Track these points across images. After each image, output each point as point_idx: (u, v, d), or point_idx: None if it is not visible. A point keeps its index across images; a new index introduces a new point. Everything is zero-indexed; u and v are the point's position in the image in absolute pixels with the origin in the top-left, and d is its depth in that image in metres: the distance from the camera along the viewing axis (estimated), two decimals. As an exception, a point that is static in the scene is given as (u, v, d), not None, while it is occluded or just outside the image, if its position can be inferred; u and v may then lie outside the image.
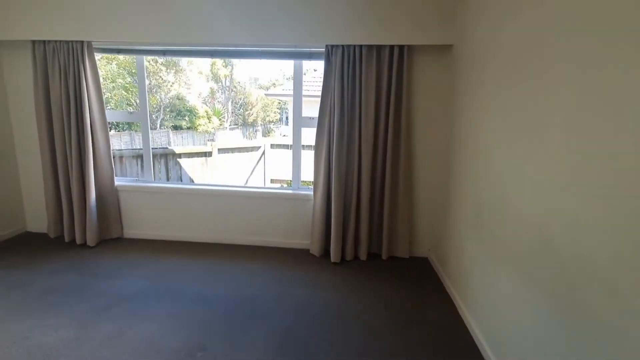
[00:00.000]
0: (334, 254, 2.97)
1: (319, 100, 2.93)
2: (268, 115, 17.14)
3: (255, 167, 7.22)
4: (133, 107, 10.90)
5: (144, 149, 3.43)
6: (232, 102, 16.34)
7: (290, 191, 3.31)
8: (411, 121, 2.97)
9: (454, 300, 2.44)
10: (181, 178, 6.17)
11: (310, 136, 3.14)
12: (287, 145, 7.77)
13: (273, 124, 17.10)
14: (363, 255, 3.06)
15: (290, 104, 10.09)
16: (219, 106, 15.63)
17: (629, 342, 1.01)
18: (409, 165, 2.98)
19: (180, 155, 6.18)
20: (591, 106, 1.18)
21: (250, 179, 7.07)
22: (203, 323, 2.14)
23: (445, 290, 2.60)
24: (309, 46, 2.92)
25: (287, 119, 13.68)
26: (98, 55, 3.17)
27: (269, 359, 1.86)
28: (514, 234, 1.66)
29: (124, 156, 5.49)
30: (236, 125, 16.30)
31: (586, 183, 1.20)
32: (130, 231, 3.44)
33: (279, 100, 14.91)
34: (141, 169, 5.21)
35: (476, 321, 2.06)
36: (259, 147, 7.51)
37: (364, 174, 2.92)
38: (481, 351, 1.93)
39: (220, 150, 6.84)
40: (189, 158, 6.26)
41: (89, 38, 2.95)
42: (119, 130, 10.57)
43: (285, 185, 7.12)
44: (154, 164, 5.29)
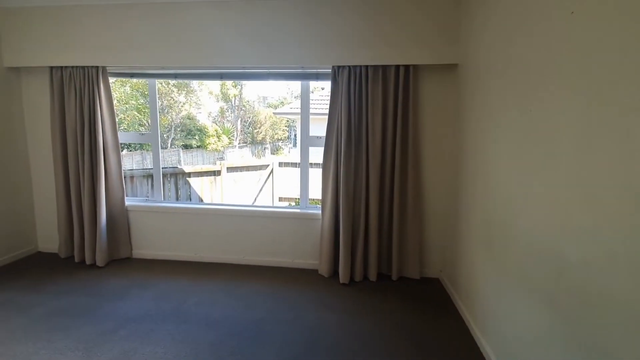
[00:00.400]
0: (343, 275, 2.92)
1: (326, 118, 2.96)
2: (276, 133, 17.35)
3: (263, 186, 7.25)
4: (145, 128, 11.15)
5: (154, 169, 3.48)
6: (241, 121, 16.62)
7: (298, 210, 3.30)
8: (418, 140, 2.96)
9: (467, 323, 2.35)
10: (190, 197, 6.22)
11: (318, 154, 3.15)
12: (296, 163, 7.80)
13: (281, 141, 17.28)
14: (372, 276, 2.99)
15: (298, 122, 10.19)
16: (228, 125, 15.90)
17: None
18: (417, 184, 2.95)
19: (189, 174, 6.25)
20: (603, 120, 1.16)
21: (259, 198, 7.09)
22: (210, 347, 2.10)
23: (458, 313, 2.51)
24: (315, 67, 2.97)
25: (295, 136, 13.81)
26: (112, 79, 3.28)
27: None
28: (526, 252, 1.61)
29: (135, 176, 5.58)
30: (245, 143, 16.52)
31: (599, 201, 1.16)
32: (138, 251, 3.45)
33: (287, 118, 15.11)
34: (151, 188, 5.28)
35: (490, 346, 1.98)
36: (267, 166, 7.56)
37: (372, 192, 2.90)
38: (498, 379, 1.85)
39: (229, 169, 6.90)
40: (198, 177, 6.33)
41: (104, 63, 3.06)
42: (130, 150, 10.79)
43: (293, 203, 7.12)
44: (164, 183, 5.36)
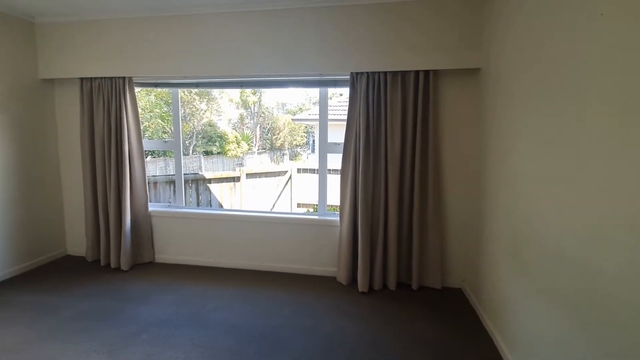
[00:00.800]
0: (362, 283, 2.88)
1: (344, 124, 2.95)
2: (295, 139, 17.48)
3: (282, 192, 7.29)
4: (168, 135, 11.49)
5: (177, 175, 3.57)
6: (260, 127, 16.86)
7: (316, 217, 3.29)
8: (438, 146, 2.90)
9: (491, 335, 2.26)
10: (210, 203, 6.33)
11: (336, 161, 3.14)
12: (314, 169, 7.82)
13: (300, 147, 17.39)
14: (392, 285, 2.94)
15: (316, 128, 10.24)
16: (247, 131, 16.17)
17: None
18: (437, 191, 2.88)
19: (210, 180, 6.37)
20: (636, 126, 1.10)
21: (277, 204, 7.13)
22: (229, 352, 2.11)
23: (482, 325, 2.42)
24: (334, 74, 2.97)
25: (314, 143, 13.86)
26: (138, 89, 3.40)
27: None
28: (555, 264, 1.53)
29: (158, 182, 5.73)
30: (264, 149, 16.72)
31: (632, 212, 1.09)
32: (161, 256, 3.53)
33: (306, 124, 15.21)
34: (173, 193, 5.40)
35: (518, 361, 1.89)
36: (286, 172, 7.61)
37: (391, 199, 2.85)
38: (525, 396, 1.76)
39: (248, 175, 6.99)
40: (218, 183, 6.44)
41: (130, 74, 3.18)
42: (154, 157, 11.13)
43: (311, 209, 7.12)
44: (185, 189, 5.47)
